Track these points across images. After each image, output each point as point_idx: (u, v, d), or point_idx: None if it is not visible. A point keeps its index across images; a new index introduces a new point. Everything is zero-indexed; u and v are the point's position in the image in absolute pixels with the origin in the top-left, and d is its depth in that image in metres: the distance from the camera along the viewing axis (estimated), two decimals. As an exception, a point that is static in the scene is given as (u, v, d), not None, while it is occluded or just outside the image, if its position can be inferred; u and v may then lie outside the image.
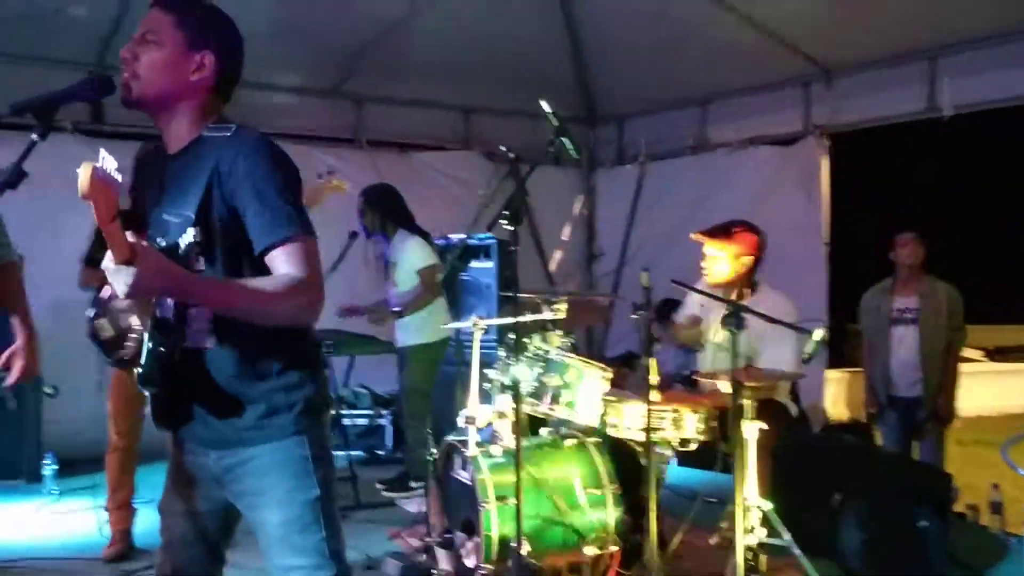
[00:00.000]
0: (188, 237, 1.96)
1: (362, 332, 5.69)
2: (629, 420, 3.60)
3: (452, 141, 7.99)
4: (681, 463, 5.35)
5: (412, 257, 5.36)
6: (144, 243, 1.76)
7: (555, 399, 3.69)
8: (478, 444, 3.69)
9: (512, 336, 3.67)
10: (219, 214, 1.95)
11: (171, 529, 2.19)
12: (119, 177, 1.64)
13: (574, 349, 3.91)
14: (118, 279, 1.71)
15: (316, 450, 2.07)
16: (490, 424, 3.78)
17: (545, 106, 3.63)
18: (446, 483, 3.90)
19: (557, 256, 8.48)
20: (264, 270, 1.94)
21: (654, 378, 3.41)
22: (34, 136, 2.00)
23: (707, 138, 7.49)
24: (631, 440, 3.65)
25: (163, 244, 2.01)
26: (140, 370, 1.99)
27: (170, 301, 2.01)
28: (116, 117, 6.46)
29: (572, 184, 8.30)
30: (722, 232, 4.08)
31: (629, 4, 6.55)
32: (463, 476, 3.72)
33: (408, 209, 5.54)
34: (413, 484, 5.36)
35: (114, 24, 5.96)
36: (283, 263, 1.91)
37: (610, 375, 3.75)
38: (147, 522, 4.07)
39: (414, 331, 5.38)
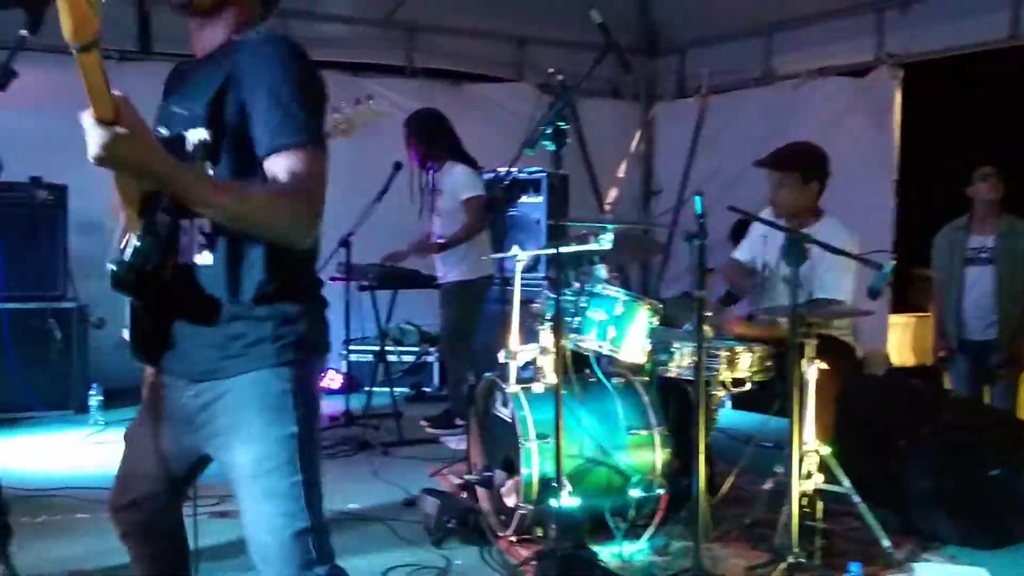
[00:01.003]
0: (197, 135, 1.80)
1: (405, 266, 5.53)
2: (679, 358, 3.40)
3: (505, 71, 7.74)
4: (735, 406, 5.18)
5: (458, 185, 5.15)
6: (132, 107, 1.57)
7: (601, 335, 3.51)
8: (519, 381, 3.53)
9: (555, 268, 3.49)
10: (231, 115, 1.78)
11: (134, 463, 2.06)
12: None
13: (624, 285, 3.72)
14: (93, 138, 1.51)
15: (299, 386, 1.87)
16: (533, 360, 3.61)
17: (596, 16, 3.39)
18: (486, 420, 3.76)
19: (612, 193, 8.23)
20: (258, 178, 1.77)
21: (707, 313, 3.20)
22: (23, 32, 1.85)
23: (773, 69, 7.14)
24: (681, 379, 3.46)
25: (165, 134, 1.85)
26: (114, 268, 1.78)
27: (166, 204, 1.83)
28: (162, 47, 6.37)
29: (628, 118, 8.01)
30: (787, 157, 3.84)
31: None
32: (503, 413, 3.57)
33: (456, 136, 5.32)
34: (459, 422, 5.25)
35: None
36: (282, 169, 1.73)
37: (660, 311, 3.54)
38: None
39: (454, 266, 5.21)
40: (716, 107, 7.38)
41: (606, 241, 3.49)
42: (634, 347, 3.52)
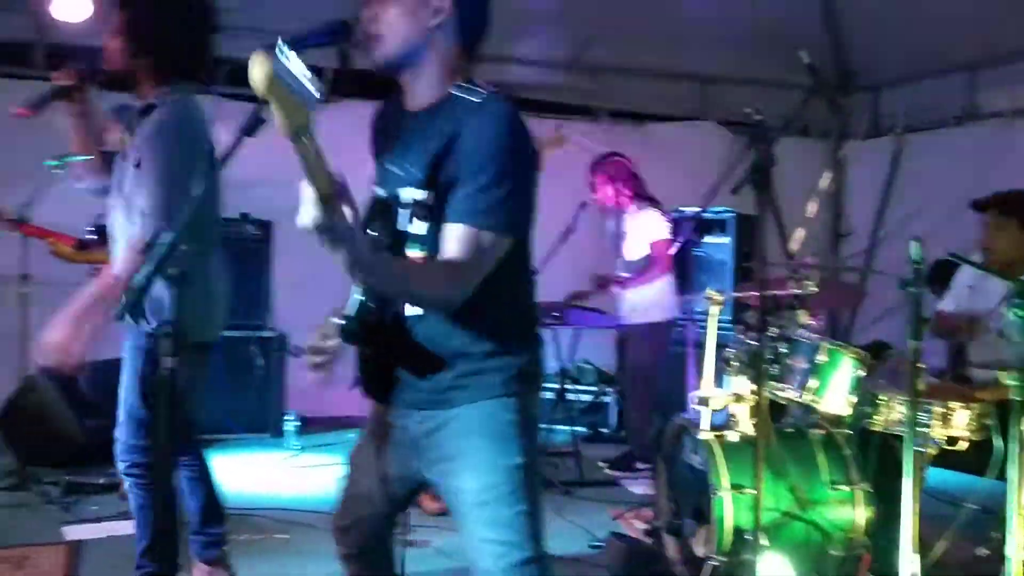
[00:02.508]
0: (412, 195, 1.88)
1: (588, 305, 5.54)
2: (887, 412, 3.22)
3: (689, 110, 7.68)
4: (937, 464, 4.85)
5: (644, 229, 5.16)
6: (347, 190, 1.68)
7: (802, 384, 3.37)
8: (712, 427, 3.44)
9: (753, 312, 3.39)
10: (446, 177, 1.85)
11: (358, 484, 2.15)
12: (314, 89, 1.52)
13: (831, 332, 3.58)
14: (308, 211, 1.62)
15: (523, 417, 1.93)
16: (725, 407, 3.51)
17: (804, 57, 3.31)
18: (675, 466, 3.68)
19: (799, 234, 7.97)
20: None
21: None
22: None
23: (976, 107, 6.74)
24: (888, 434, 3.28)
25: (382, 194, 1.93)
26: (344, 323, 1.90)
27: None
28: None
29: (818, 157, 7.75)
30: (1008, 202, 3.62)
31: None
32: (694, 460, 3.49)
33: (642, 180, 5.35)
34: (639, 465, 5.17)
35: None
36: (453, 242, 1.81)
37: (867, 361, 3.38)
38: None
39: (641, 310, 5.18)
40: (913, 147, 7.06)
41: (811, 287, 3.37)
42: (837, 398, 3.36)
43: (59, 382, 4.92)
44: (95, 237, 4.37)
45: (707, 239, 5.99)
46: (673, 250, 5.08)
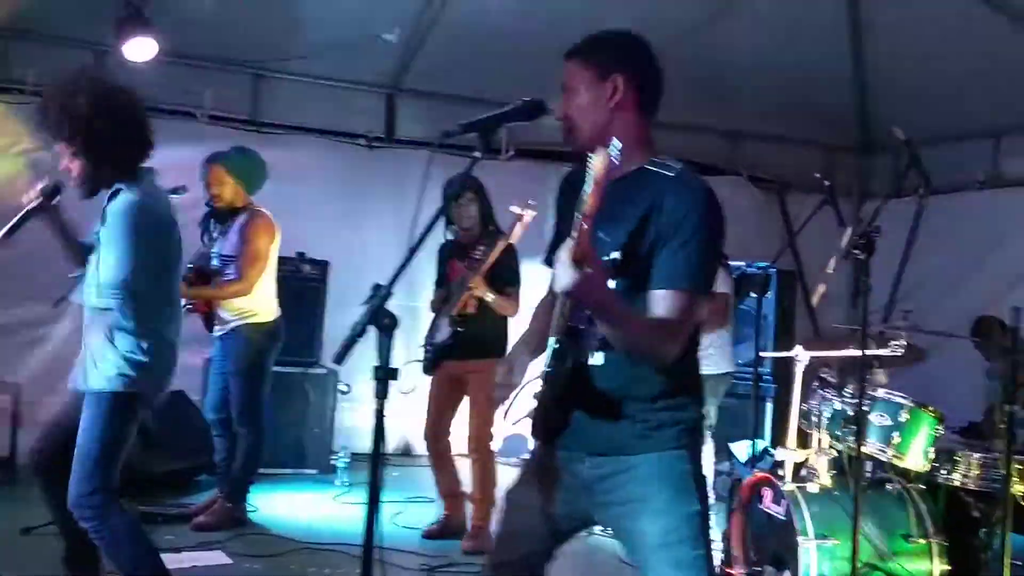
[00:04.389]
0: (612, 256, 2.06)
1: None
2: (966, 469, 3.39)
3: (717, 165, 7.89)
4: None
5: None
6: (597, 256, 1.87)
7: (884, 439, 3.54)
8: (795, 479, 3.59)
9: (830, 369, 3.56)
10: (645, 243, 2.04)
11: (517, 522, 2.28)
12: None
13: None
14: (565, 274, 1.82)
15: (695, 468, 2.11)
16: (805, 460, 3.67)
17: (899, 134, 3.51)
18: (752, 515, 3.82)
19: (820, 289, 8.15)
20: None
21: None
22: (476, 154, 2.15)
23: (1000, 173, 6.99)
24: (965, 490, 3.44)
25: None
26: (548, 370, 2.08)
27: (581, 312, 2.09)
28: (407, 134, 6.83)
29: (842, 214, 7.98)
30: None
31: (924, 30, 6.24)
32: (775, 510, 3.63)
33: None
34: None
35: (413, 50, 6.31)
36: (661, 305, 2.00)
37: (944, 420, 3.55)
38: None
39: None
40: (935, 208, 7.29)
41: (900, 347, 3.55)
42: (917, 454, 3.53)
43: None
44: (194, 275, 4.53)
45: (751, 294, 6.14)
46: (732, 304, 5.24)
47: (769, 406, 5.84)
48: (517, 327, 4.57)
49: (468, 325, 4.36)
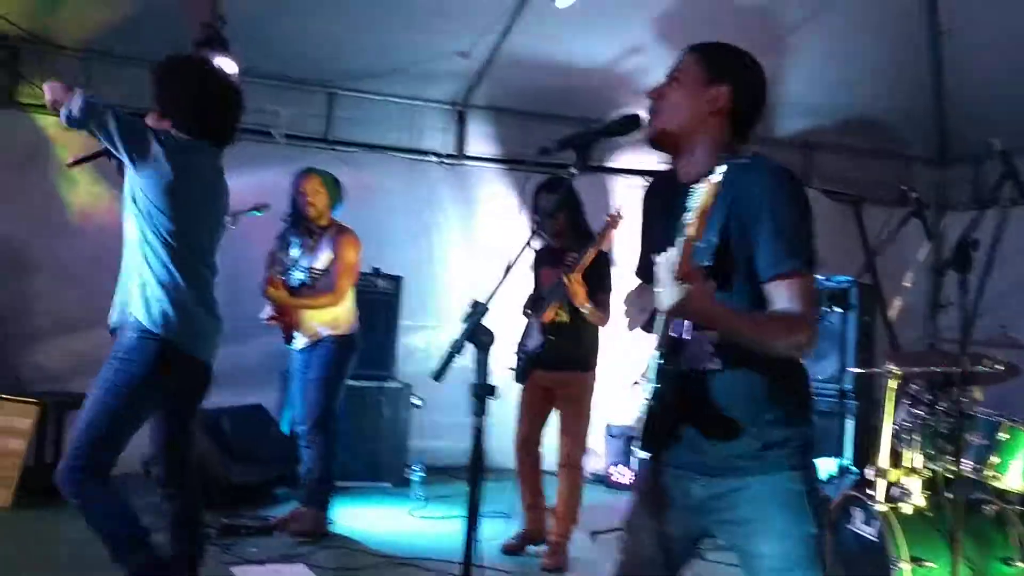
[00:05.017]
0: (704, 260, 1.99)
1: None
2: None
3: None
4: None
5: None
6: (700, 269, 1.84)
7: (980, 459, 3.43)
8: (887, 499, 3.49)
9: (920, 387, 3.46)
10: (734, 240, 1.99)
11: (636, 548, 2.23)
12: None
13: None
14: (668, 292, 1.79)
15: (810, 489, 2.06)
16: (897, 480, 3.57)
17: (996, 144, 3.42)
18: (841, 535, 3.73)
19: (897, 303, 7.96)
20: (757, 295, 1.97)
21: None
22: (572, 170, 2.14)
23: (1087, 182, 6.75)
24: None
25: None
26: (653, 385, 2.04)
27: (686, 322, 2.06)
28: (476, 151, 6.86)
29: (918, 227, 7.80)
30: None
31: (1005, 39, 6.08)
32: (866, 531, 3.54)
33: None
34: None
35: (483, 68, 6.34)
36: (782, 297, 1.95)
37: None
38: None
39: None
40: (1017, 219, 7.07)
41: (1001, 366, 3.44)
42: (1016, 475, 3.42)
43: (208, 426, 5.09)
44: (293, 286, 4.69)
45: (833, 309, 6.03)
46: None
47: (850, 423, 5.69)
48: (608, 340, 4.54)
49: (560, 335, 4.33)
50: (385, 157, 6.56)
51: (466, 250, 6.60)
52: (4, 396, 5.07)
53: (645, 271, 2.25)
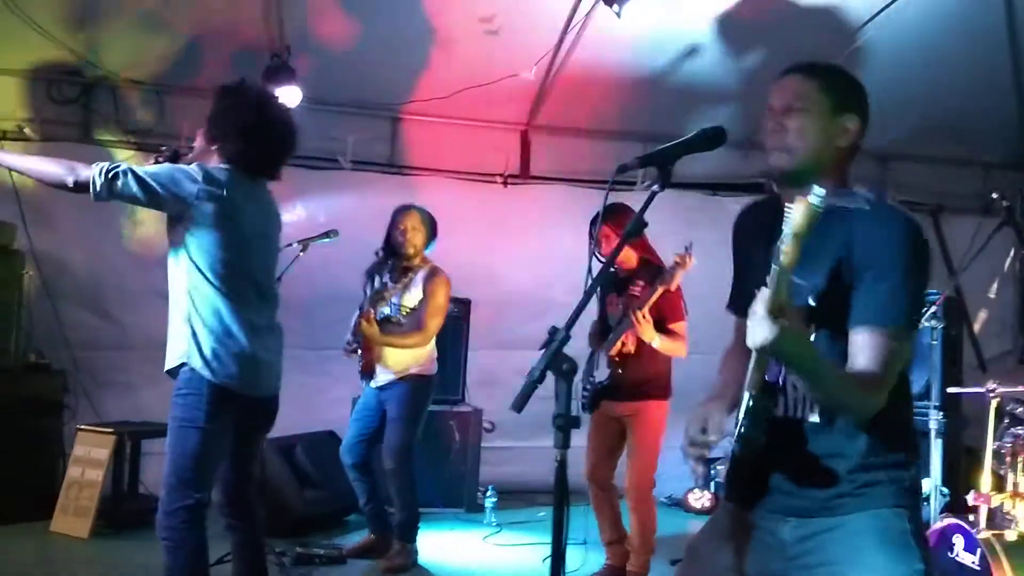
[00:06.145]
0: (805, 300, 1.89)
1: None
2: None
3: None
4: None
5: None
6: (793, 307, 1.72)
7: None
8: (990, 525, 3.30)
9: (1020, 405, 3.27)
10: (841, 287, 1.87)
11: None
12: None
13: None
14: (760, 327, 1.66)
15: (917, 528, 1.92)
16: (1000, 504, 3.37)
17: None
18: (940, 564, 3.53)
19: (982, 315, 7.66)
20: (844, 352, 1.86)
21: None
22: (655, 187, 2.05)
23: None
24: None
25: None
26: (744, 431, 1.93)
27: (777, 366, 1.93)
28: (538, 171, 6.79)
29: (1003, 236, 7.51)
30: None
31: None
32: (968, 560, 3.34)
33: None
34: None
35: (546, 88, 6.28)
36: (863, 352, 1.82)
37: None
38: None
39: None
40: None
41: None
42: None
43: (281, 453, 5.08)
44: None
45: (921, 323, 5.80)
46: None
47: (937, 442, 5.44)
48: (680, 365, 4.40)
49: (627, 366, 4.22)
50: (449, 180, 6.52)
51: (532, 272, 6.52)
52: (82, 427, 5.13)
53: (738, 302, 2.15)
